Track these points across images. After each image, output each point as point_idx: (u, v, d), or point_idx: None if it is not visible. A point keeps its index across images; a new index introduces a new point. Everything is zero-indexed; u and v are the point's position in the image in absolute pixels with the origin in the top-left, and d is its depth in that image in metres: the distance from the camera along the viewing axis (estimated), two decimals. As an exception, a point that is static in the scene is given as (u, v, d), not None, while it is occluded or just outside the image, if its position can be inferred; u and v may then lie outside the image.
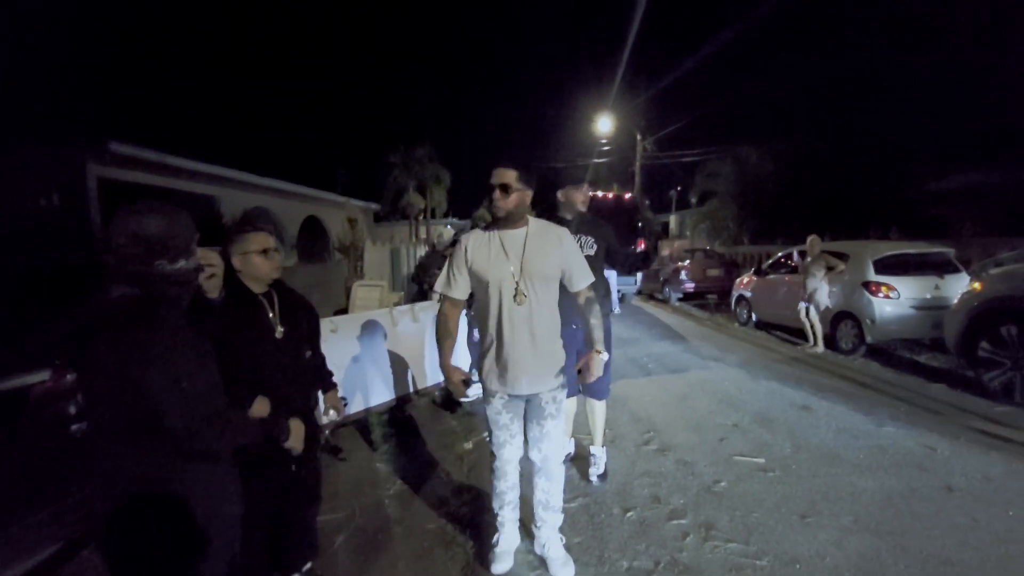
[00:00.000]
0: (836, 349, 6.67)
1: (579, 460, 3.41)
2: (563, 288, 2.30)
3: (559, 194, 3.22)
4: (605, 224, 3.39)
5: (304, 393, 2.24)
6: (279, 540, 2.28)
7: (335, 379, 2.58)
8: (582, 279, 2.23)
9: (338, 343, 4.15)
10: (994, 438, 3.61)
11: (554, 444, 2.28)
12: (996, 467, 3.16)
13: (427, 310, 5.02)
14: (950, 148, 13.64)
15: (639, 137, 19.21)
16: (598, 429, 3.27)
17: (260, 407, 2.00)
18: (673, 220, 22.28)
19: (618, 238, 10.31)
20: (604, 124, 19.68)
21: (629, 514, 2.76)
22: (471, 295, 2.31)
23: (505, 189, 2.10)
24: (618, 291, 11.09)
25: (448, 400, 4.96)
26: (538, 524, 2.39)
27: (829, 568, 2.23)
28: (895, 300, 6.31)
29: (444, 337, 2.27)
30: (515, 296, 2.12)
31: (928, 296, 6.27)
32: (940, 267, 6.56)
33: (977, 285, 4.98)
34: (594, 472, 3.22)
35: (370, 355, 4.42)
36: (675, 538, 2.51)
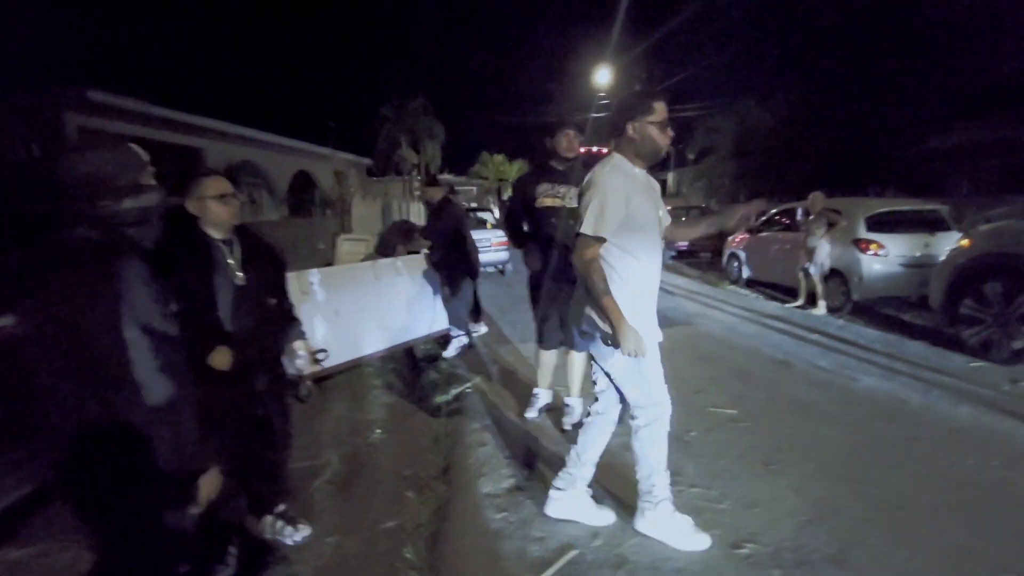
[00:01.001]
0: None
1: (555, 412, 3.46)
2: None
3: (546, 142, 3.14)
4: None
5: (268, 340, 2.23)
6: (250, 482, 2.34)
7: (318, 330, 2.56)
8: (667, 218, 2.23)
9: (320, 296, 4.15)
10: (966, 393, 3.66)
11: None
12: (963, 419, 3.21)
13: (411, 264, 4.98)
14: (955, 103, 13.28)
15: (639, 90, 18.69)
16: (576, 380, 3.30)
17: (220, 357, 1.99)
18: (671, 178, 21.94)
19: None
20: (603, 76, 19.08)
21: (602, 460, 2.81)
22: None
23: (666, 126, 2.02)
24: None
25: (431, 354, 5.01)
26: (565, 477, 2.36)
27: (786, 511, 2.30)
28: (884, 257, 6.29)
29: (604, 288, 1.95)
30: (662, 239, 2.13)
31: (918, 254, 6.25)
32: (932, 225, 6.50)
33: (965, 242, 4.95)
34: (568, 421, 3.26)
35: (352, 308, 4.41)
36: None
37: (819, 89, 14.12)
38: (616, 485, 2.53)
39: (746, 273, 8.97)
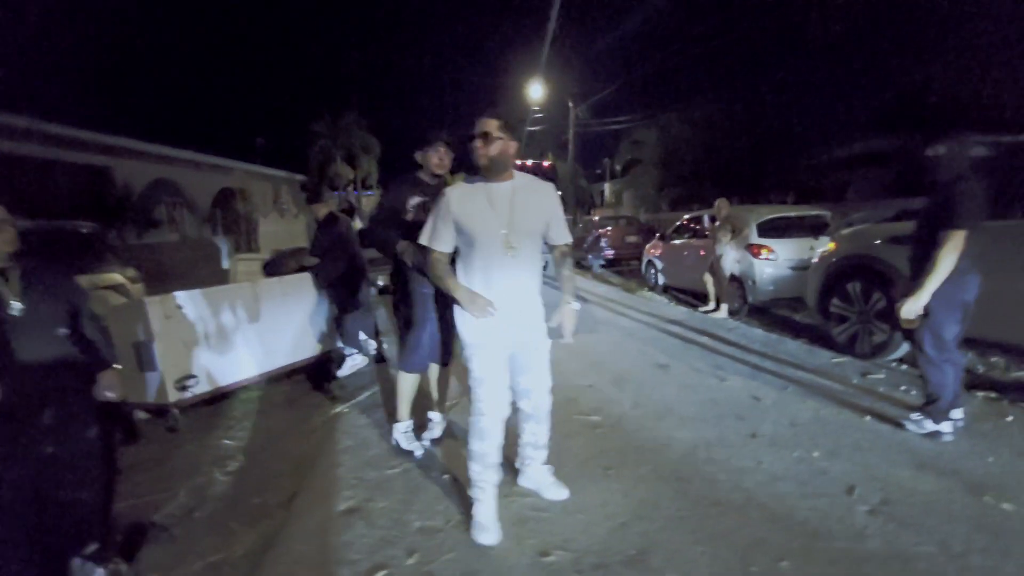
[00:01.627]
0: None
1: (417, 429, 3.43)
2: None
3: (416, 155, 3.13)
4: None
5: (57, 372, 2.11)
6: (47, 523, 2.20)
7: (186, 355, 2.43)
8: (563, 235, 2.38)
9: (187, 320, 3.99)
10: (819, 388, 3.88)
11: (545, 391, 2.47)
12: (805, 414, 3.40)
13: (297, 282, 4.87)
14: (858, 116, 14.32)
15: (571, 104, 19.14)
16: (442, 394, 3.34)
17: (-17, 388, 1.87)
18: (608, 188, 22.51)
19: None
20: (536, 90, 19.41)
21: (445, 476, 2.81)
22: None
23: (486, 137, 2.11)
24: (538, 259, 11.19)
25: (320, 373, 4.89)
26: (527, 463, 2.58)
27: (606, 515, 2.35)
28: (774, 261, 6.65)
29: (444, 275, 2.23)
30: (506, 250, 2.15)
31: (804, 257, 6.62)
32: (817, 229, 6.93)
33: (832, 245, 5.29)
34: (427, 436, 3.24)
35: (228, 331, 4.26)
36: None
37: (736, 101, 14.96)
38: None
39: (662, 280, 9.27)
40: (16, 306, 1.98)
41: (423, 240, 2.28)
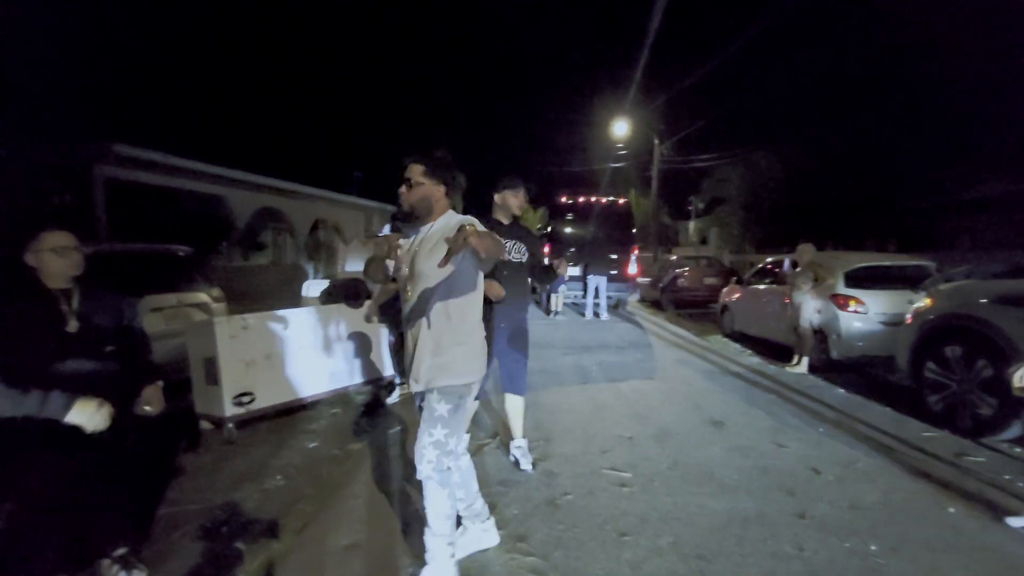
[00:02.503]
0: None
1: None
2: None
3: (496, 196, 3.26)
4: (536, 237, 3.48)
5: (104, 384, 2.33)
6: (83, 524, 2.40)
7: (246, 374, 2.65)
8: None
9: (249, 340, 4.29)
10: (897, 467, 3.37)
11: (422, 447, 2.10)
12: (871, 495, 2.95)
13: (353, 310, 5.10)
14: (983, 155, 12.71)
15: (656, 141, 18.85)
16: (518, 423, 3.41)
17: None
18: (692, 226, 21.70)
19: (610, 243, 10.23)
20: (621, 128, 19.41)
21: (453, 522, 2.73)
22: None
23: (408, 183, 2.10)
24: (609, 297, 10.94)
25: (372, 402, 5.03)
26: None
27: (608, 588, 2.16)
28: (863, 315, 5.98)
29: (372, 270, 2.28)
30: (404, 294, 2.14)
31: (900, 312, 5.89)
32: (917, 281, 6.16)
33: (927, 301, 4.66)
34: (526, 463, 3.34)
35: (286, 352, 4.53)
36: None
37: (834, 138, 13.87)
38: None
39: (737, 326, 8.67)
40: (73, 324, 2.23)
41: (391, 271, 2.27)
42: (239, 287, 7.47)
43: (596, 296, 10.62)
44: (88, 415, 1.93)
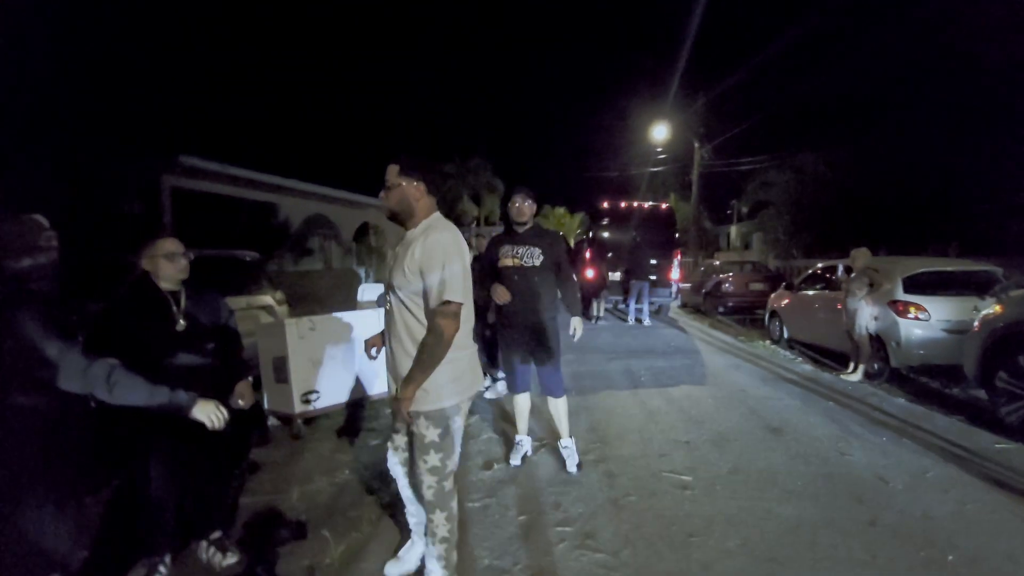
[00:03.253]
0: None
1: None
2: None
3: (508, 206, 3.42)
4: (558, 238, 3.57)
5: (206, 379, 2.53)
6: (188, 507, 2.61)
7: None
8: (435, 297, 1.89)
9: (315, 340, 4.51)
10: (970, 477, 3.28)
11: (420, 475, 2.10)
12: (945, 506, 2.89)
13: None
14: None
15: (697, 145, 18.61)
16: (563, 423, 3.48)
17: (154, 392, 2.32)
18: (734, 231, 21.24)
19: (653, 248, 10.17)
20: (660, 132, 19.27)
21: (521, 517, 2.83)
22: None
23: (387, 186, 2.04)
24: (651, 303, 10.88)
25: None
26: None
27: (681, 587, 2.21)
28: (925, 322, 5.79)
29: None
30: (386, 304, 2.09)
31: (965, 319, 5.67)
32: (983, 287, 5.91)
33: (998, 308, 4.50)
34: (572, 463, 3.42)
35: (349, 353, 4.73)
36: (548, 543, 2.56)
37: (887, 139, 13.34)
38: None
39: (786, 333, 8.48)
40: (181, 323, 2.44)
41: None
42: (295, 291, 7.82)
43: (638, 301, 10.57)
44: (207, 413, 2.07)
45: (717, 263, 13.91)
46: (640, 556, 2.43)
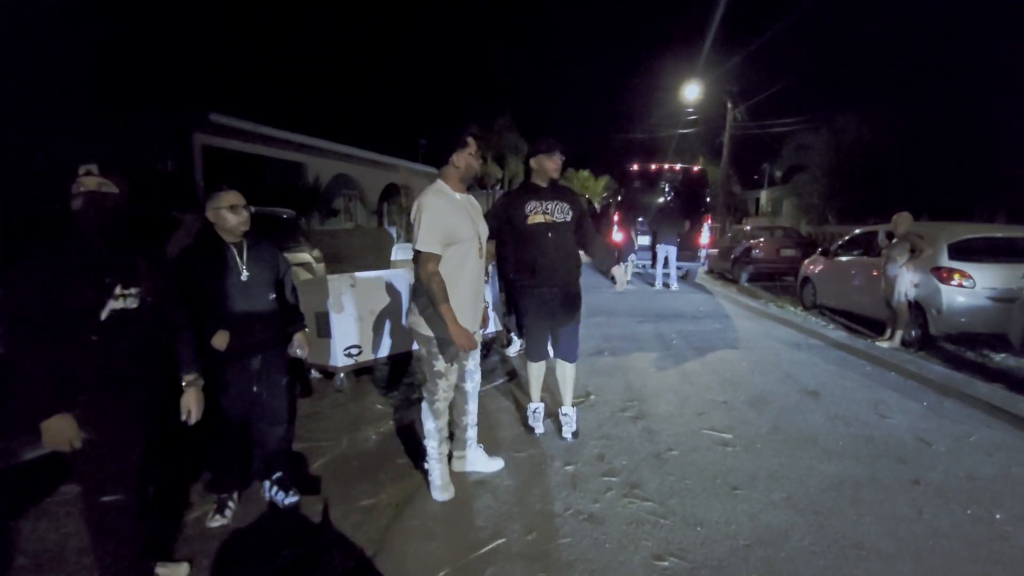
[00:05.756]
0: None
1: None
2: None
3: (532, 161, 3.28)
4: (579, 195, 3.46)
5: (267, 327, 2.62)
6: (248, 450, 2.76)
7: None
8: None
9: (356, 297, 4.60)
10: (1015, 440, 3.28)
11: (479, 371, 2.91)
12: (990, 468, 2.90)
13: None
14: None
15: (730, 105, 17.95)
16: (569, 390, 3.40)
17: (219, 339, 2.42)
18: (764, 196, 20.66)
19: (682, 211, 10.03)
20: (691, 92, 18.64)
21: (568, 468, 2.93)
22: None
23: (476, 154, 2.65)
24: (678, 267, 10.77)
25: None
26: (468, 445, 2.94)
27: (728, 534, 2.28)
28: (969, 289, 5.65)
29: (444, 288, 2.52)
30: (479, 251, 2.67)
31: (1012, 287, 5.53)
32: (1034, 255, 5.73)
33: (1051, 275, 4.36)
34: (567, 430, 3.36)
35: (388, 309, 4.83)
36: (596, 491, 2.65)
37: (932, 100, 12.66)
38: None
39: (820, 298, 8.37)
40: (244, 273, 2.52)
41: (423, 247, 2.41)
42: (326, 250, 7.94)
43: (665, 266, 10.48)
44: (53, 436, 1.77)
45: (747, 228, 13.61)
46: (687, 505, 2.51)
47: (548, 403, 3.60)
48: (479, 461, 2.94)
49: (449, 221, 2.43)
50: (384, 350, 4.80)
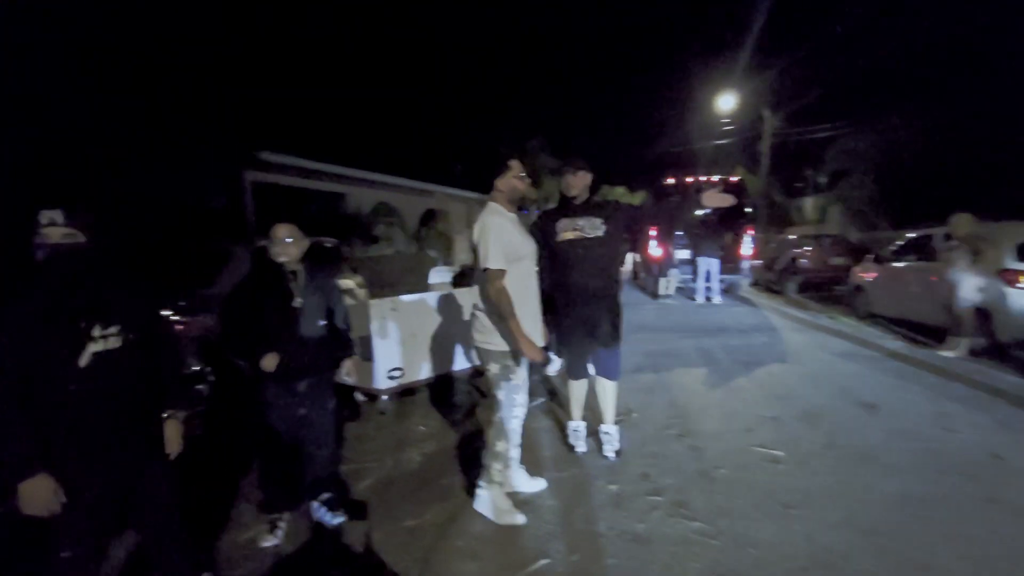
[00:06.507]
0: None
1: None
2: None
3: (562, 181, 3.32)
4: (618, 205, 3.32)
5: (315, 353, 2.73)
6: (295, 471, 2.84)
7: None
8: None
9: (397, 320, 4.72)
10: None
11: None
12: (1075, 485, 2.67)
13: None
14: None
15: (767, 113, 17.55)
16: (610, 408, 3.36)
17: (269, 360, 2.53)
18: (810, 203, 19.94)
19: (722, 223, 9.77)
20: (726, 102, 18.34)
21: (612, 487, 2.88)
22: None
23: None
24: (721, 280, 10.51)
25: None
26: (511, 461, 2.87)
27: (784, 555, 2.18)
28: (1040, 292, 5.27)
29: (511, 303, 2.57)
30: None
31: (1090, 289, 5.14)
32: (1113, 255, 5.31)
33: None
34: (609, 449, 3.31)
35: (429, 332, 4.92)
36: (641, 511, 2.60)
37: (988, 96, 11.97)
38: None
39: (874, 307, 7.97)
40: (299, 300, 2.64)
41: (491, 264, 2.46)
42: (369, 275, 8.20)
43: (707, 280, 10.24)
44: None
45: (792, 237, 13.17)
46: (738, 525, 2.42)
47: (589, 421, 3.55)
48: (521, 481, 2.91)
49: (512, 239, 2.51)
50: (425, 372, 4.88)
